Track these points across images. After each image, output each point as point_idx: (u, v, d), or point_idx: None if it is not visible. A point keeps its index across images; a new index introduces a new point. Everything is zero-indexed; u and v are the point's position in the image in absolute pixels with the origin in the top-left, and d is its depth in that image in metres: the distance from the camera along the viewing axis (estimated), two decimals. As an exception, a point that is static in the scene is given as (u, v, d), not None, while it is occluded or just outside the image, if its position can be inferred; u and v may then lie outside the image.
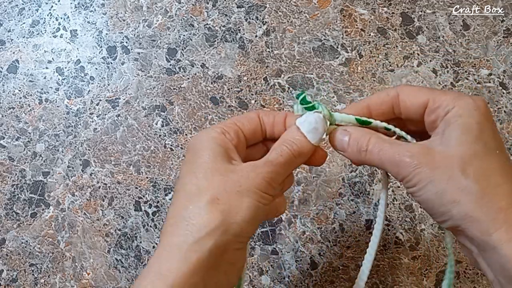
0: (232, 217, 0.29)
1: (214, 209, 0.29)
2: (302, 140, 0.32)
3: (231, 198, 0.29)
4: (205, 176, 0.30)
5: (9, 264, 0.52)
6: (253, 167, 0.31)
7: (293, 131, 0.33)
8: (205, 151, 0.31)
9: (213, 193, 0.29)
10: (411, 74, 0.55)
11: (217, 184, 0.29)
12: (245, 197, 0.29)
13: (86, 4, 0.60)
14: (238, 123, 0.33)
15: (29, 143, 0.55)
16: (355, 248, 0.50)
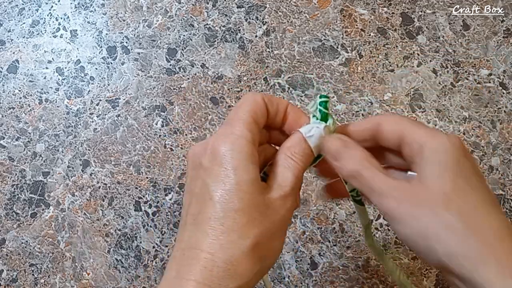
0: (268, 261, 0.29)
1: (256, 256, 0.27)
2: (310, 154, 0.31)
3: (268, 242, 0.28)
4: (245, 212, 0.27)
5: (9, 264, 0.52)
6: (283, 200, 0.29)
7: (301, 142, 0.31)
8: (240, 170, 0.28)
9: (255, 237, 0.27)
10: (411, 74, 0.55)
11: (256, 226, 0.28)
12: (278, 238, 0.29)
13: (86, 4, 0.60)
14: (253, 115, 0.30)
15: (29, 143, 0.55)
16: (355, 248, 0.50)
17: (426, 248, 0.27)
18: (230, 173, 0.28)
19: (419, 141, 0.29)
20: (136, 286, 0.51)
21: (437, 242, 0.27)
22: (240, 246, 0.27)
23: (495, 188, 0.51)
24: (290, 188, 0.30)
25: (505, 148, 0.52)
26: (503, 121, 0.53)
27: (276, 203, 0.29)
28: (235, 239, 0.27)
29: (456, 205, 0.27)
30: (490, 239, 0.26)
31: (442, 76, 0.55)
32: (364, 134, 0.32)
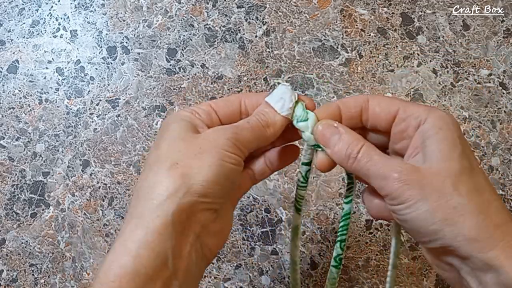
0: (192, 177, 0.28)
1: (173, 173, 0.28)
2: (270, 111, 0.32)
3: (191, 160, 0.29)
4: (167, 145, 0.30)
5: (9, 264, 0.52)
6: (216, 129, 0.31)
7: (262, 106, 0.33)
8: (171, 125, 0.31)
9: (173, 159, 0.29)
10: (411, 74, 0.55)
11: (177, 150, 0.29)
12: (206, 157, 0.29)
13: (86, 4, 0.60)
14: (213, 105, 0.33)
15: (29, 143, 0.55)
16: (355, 248, 0.50)
17: (433, 231, 0.27)
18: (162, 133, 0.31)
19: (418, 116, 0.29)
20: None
21: (447, 225, 0.26)
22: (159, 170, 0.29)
23: (495, 188, 0.51)
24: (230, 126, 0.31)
25: (505, 148, 0.52)
26: (503, 121, 0.53)
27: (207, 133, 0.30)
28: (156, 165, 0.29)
29: (464, 188, 0.27)
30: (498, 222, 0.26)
31: (442, 76, 0.55)
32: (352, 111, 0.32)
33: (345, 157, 0.30)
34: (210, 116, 0.32)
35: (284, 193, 0.52)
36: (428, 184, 0.27)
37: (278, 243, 0.51)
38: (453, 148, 0.27)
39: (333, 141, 0.31)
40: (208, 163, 0.29)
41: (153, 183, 0.28)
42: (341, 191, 0.52)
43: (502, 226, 0.26)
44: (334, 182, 0.52)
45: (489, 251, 0.26)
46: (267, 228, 0.51)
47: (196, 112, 0.32)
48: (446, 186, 0.27)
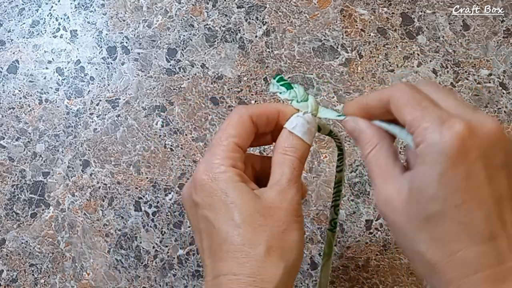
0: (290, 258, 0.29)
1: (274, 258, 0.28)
2: (301, 144, 0.32)
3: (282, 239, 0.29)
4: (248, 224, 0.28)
5: (9, 264, 0.52)
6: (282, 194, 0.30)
7: (289, 137, 0.32)
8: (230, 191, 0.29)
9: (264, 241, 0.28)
10: (411, 74, 0.55)
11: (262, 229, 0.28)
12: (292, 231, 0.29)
13: (86, 5, 0.60)
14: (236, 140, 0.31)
15: (29, 143, 0.55)
16: (355, 248, 0.50)
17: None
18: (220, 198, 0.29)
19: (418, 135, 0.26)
20: (136, 286, 0.51)
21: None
22: (255, 256, 0.28)
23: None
24: (287, 181, 0.30)
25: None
26: (503, 121, 0.53)
27: (275, 201, 0.29)
28: (248, 251, 0.28)
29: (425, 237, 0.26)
30: None
31: (442, 76, 0.55)
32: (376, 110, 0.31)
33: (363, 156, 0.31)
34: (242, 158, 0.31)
35: (284, 193, 0.52)
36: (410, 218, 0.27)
37: (278, 243, 0.51)
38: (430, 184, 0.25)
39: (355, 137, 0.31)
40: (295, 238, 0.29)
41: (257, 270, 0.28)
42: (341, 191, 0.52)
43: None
44: (334, 182, 0.52)
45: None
46: (267, 228, 0.51)
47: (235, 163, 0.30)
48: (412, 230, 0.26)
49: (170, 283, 0.50)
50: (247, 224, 0.28)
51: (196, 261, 0.51)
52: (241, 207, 0.29)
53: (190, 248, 0.51)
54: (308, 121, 0.32)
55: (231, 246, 0.28)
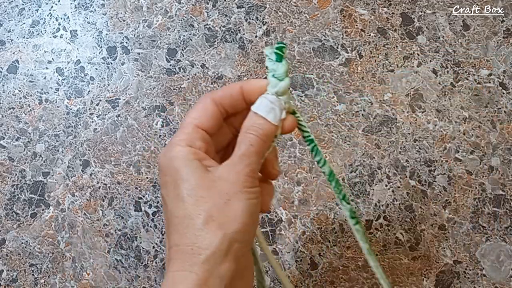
0: (231, 227, 0.29)
1: (211, 227, 0.29)
2: (265, 123, 0.32)
3: (222, 209, 0.29)
4: (190, 196, 0.30)
5: (9, 264, 0.52)
6: (231, 167, 0.31)
7: (252, 117, 0.32)
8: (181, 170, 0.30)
9: (204, 212, 0.29)
10: (411, 74, 0.55)
11: (205, 201, 0.29)
12: (236, 202, 0.29)
13: (86, 5, 0.60)
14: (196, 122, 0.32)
15: (29, 143, 0.55)
16: (355, 249, 0.50)
17: None
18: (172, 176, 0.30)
19: None
20: (136, 286, 0.51)
21: None
22: (194, 226, 0.29)
23: (495, 188, 0.51)
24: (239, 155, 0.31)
25: (505, 148, 0.52)
26: (503, 121, 0.53)
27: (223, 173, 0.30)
28: (188, 222, 0.29)
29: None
30: None
31: (442, 76, 0.55)
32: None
33: None
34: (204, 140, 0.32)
35: (284, 193, 0.52)
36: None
37: (278, 243, 0.51)
38: None
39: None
40: (239, 208, 0.29)
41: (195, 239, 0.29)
42: (341, 191, 0.52)
43: None
44: (334, 182, 0.52)
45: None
46: (267, 228, 0.51)
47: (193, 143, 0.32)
48: None
49: (170, 283, 0.50)
50: (189, 197, 0.30)
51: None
52: (187, 182, 0.30)
53: (190, 248, 0.51)
54: (271, 101, 0.32)
55: (175, 219, 0.30)
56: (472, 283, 0.49)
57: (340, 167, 0.52)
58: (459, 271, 0.49)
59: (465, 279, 0.49)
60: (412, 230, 0.50)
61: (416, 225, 0.50)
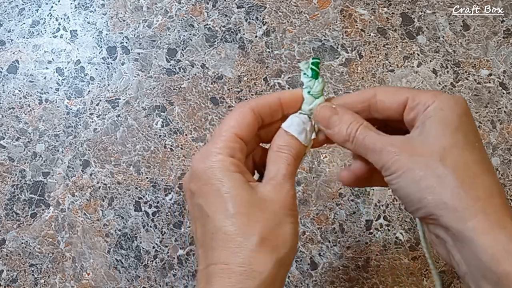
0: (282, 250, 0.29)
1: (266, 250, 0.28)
2: (295, 143, 0.32)
3: (274, 232, 0.29)
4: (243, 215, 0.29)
5: (9, 264, 0.52)
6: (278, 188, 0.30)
7: (284, 136, 0.32)
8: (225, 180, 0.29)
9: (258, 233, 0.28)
10: (411, 75, 0.55)
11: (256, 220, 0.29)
12: (285, 224, 0.29)
13: (86, 5, 0.60)
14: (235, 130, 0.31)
15: (29, 144, 0.55)
16: (355, 249, 0.50)
17: (418, 199, 0.28)
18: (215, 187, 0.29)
19: (426, 102, 0.30)
20: (136, 286, 0.51)
21: (430, 193, 0.27)
22: (247, 246, 0.28)
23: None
24: (282, 176, 0.31)
25: (505, 148, 0.52)
26: (503, 121, 0.53)
27: (271, 194, 0.30)
28: (241, 241, 0.28)
29: (452, 160, 0.28)
30: (480, 195, 0.27)
31: (442, 76, 0.55)
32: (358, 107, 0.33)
33: (346, 136, 0.31)
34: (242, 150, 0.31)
35: (284, 193, 0.52)
36: (418, 155, 0.28)
37: (278, 243, 0.51)
38: (449, 124, 0.29)
39: (332, 122, 0.32)
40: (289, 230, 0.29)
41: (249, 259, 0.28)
42: (341, 191, 0.52)
43: (484, 199, 0.27)
44: (334, 182, 0.52)
45: (467, 222, 0.26)
46: (267, 228, 0.51)
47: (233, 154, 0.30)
48: (434, 157, 0.28)
49: (170, 283, 0.50)
50: (241, 215, 0.28)
51: (196, 261, 0.51)
52: (236, 197, 0.29)
53: (190, 248, 0.51)
54: (304, 121, 0.32)
55: (224, 235, 0.28)
56: (472, 283, 0.49)
57: (340, 167, 0.52)
58: (459, 271, 0.49)
59: (465, 279, 0.49)
60: (412, 230, 0.50)
61: (416, 225, 0.50)
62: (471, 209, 0.26)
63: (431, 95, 0.30)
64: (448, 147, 0.28)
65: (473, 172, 0.28)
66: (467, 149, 0.28)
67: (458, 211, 0.27)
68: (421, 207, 0.28)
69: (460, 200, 0.27)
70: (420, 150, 0.28)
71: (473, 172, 0.28)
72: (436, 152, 0.28)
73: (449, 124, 0.29)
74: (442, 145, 0.28)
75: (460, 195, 0.27)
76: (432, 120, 0.29)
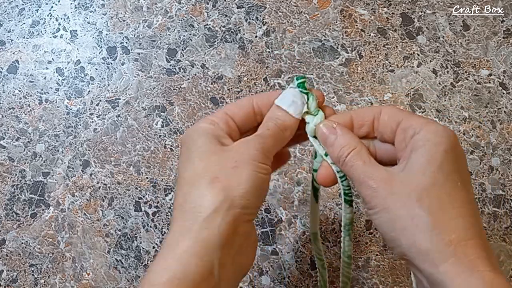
0: (234, 191, 0.29)
1: (215, 187, 0.29)
2: (284, 115, 0.33)
3: (229, 174, 0.30)
4: (201, 159, 0.31)
5: (9, 264, 0.52)
6: (244, 142, 0.32)
7: (274, 109, 0.34)
8: (197, 139, 0.32)
9: (211, 173, 0.30)
10: (411, 75, 0.55)
11: (213, 164, 0.30)
12: (242, 169, 0.30)
13: (86, 5, 0.60)
14: (228, 111, 0.34)
15: (29, 144, 0.55)
16: (355, 249, 0.50)
17: (392, 239, 0.28)
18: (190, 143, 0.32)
19: (415, 127, 0.30)
20: (136, 286, 0.51)
21: (402, 234, 0.27)
22: (199, 186, 0.30)
23: (495, 188, 0.51)
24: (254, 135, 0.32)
25: (505, 148, 0.52)
26: (503, 121, 0.53)
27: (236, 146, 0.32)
28: (194, 182, 0.30)
29: (428, 201, 0.27)
30: (453, 238, 0.27)
31: (442, 77, 0.55)
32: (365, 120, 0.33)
33: (337, 159, 0.32)
34: (228, 124, 0.33)
35: (284, 194, 0.52)
36: (396, 193, 0.28)
37: (278, 243, 0.51)
38: (432, 161, 0.28)
39: (330, 141, 0.33)
40: (245, 175, 0.30)
41: (197, 197, 0.29)
42: (341, 191, 0.52)
43: (457, 243, 0.26)
44: (334, 182, 0.52)
45: (439, 266, 0.26)
46: (267, 229, 0.51)
47: (216, 123, 0.33)
48: (411, 197, 0.28)
49: (170, 283, 0.50)
50: (199, 160, 0.31)
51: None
52: (200, 148, 0.31)
53: (190, 248, 0.51)
54: (293, 94, 0.33)
55: (182, 180, 0.31)
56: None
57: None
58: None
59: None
60: (412, 230, 0.50)
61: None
62: (443, 253, 0.26)
63: (422, 122, 0.30)
64: (428, 186, 0.28)
65: (449, 215, 0.27)
66: (446, 190, 0.28)
67: (429, 254, 0.26)
68: (396, 247, 0.28)
69: (432, 243, 0.27)
70: (400, 188, 0.28)
71: (448, 214, 0.27)
72: (414, 192, 0.28)
73: (433, 161, 0.28)
74: (422, 185, 0.28)
75: (432, 239, 0.27)
76: (417, 155, 0.29)
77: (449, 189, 0.28)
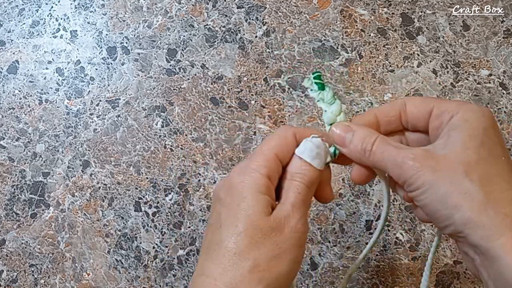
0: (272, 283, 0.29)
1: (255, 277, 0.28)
2: (310, 169, 0.31)
3: (271, 263, 0.29)
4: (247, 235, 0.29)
5: (9, 264, 0.52)
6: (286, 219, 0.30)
7: (297, 162, 0.32)
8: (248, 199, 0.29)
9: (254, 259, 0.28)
10: (411, 75, 0.55)
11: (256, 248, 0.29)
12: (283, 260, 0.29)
13: (86, 5, 0.60)
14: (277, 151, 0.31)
15: (29, 144, 0.55)
16: (355, 249, 0.50)
17: (445, 216, 0.27)
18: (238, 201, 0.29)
19: (450, 111, 0.29)
20: (136, 286, 0.51)
21: (456, 210, 0.27)
22: (239, 268, 0.28)
23: None
24: (290, 206, 0.30)
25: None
26: (503, 121, 0.53)
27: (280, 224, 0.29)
28: (236, 261, 0.28)
29: (478, 175, 0.27)
30: (508, 211, 0.26)
31: (442, 77, 0.55)
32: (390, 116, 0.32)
33: (361, 151, 0.31)
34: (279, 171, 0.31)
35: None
36: (442, 170, 0.27)
37: (278, 244, 0.51)
38: (474, 138, 0.28)
39: (347, 139, 0.32)
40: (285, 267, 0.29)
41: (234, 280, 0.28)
42: (341, 191, 0.52)
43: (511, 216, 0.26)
44: (334, 182, 0.52)
45: (496, 240, 0.26)
46: (267, 229, 0.51)
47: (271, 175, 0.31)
48: (459, 172, 0.27)
49: (170, 283, 0.50)
50: (246, 235, 0.29)
51: (196, 261, 0.51)
52: (249, 217, 0.29)
53: (190, 248, 0.51)
54: (317, 146, 0.32)
55: (224, 250, 0.29)
56: (472, 283, 0.49)
57: (340, 167, 0.52)
58: (459, 271, 0.49)
59: (465, 279, 0.49)
60: (412, 230, 0.50)
61: (416, 225, 0.50)
62: (500, 226, 0.26)
63: (456, 104, 0.30)
64: (473, 161, 0.27)
65: (500, 187, 0.27)
66: (493, 164, 0.28)
67: (485, 228, 0.26)
68: (449, 225, 0.28)
69: (487, 217, 0.26)
70: (444, 165, 0.28)
71: (499, 187, 0.27)
72: (461, 167, 0.27)
73: (474, 138, 0.28)
74: (467, 160, 0.27)
75: (486, 212, 0.26)
76: (457, 133, 0.28)
77: (495, 163, 0.28)
